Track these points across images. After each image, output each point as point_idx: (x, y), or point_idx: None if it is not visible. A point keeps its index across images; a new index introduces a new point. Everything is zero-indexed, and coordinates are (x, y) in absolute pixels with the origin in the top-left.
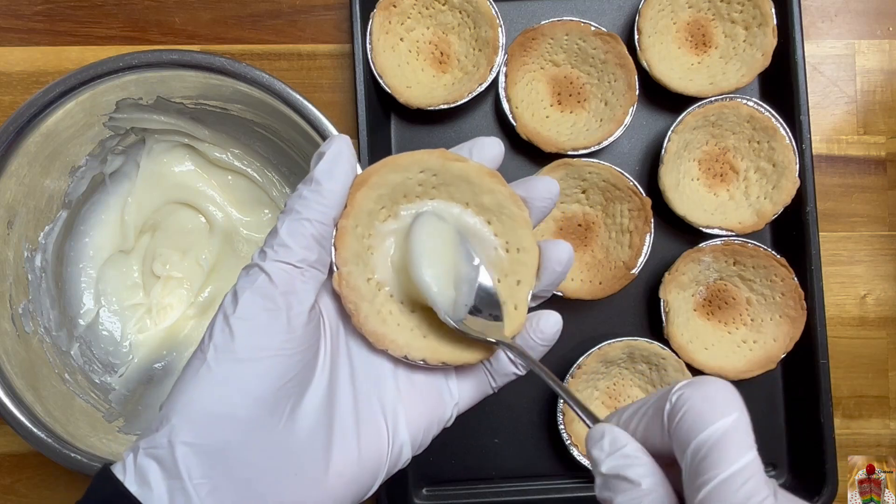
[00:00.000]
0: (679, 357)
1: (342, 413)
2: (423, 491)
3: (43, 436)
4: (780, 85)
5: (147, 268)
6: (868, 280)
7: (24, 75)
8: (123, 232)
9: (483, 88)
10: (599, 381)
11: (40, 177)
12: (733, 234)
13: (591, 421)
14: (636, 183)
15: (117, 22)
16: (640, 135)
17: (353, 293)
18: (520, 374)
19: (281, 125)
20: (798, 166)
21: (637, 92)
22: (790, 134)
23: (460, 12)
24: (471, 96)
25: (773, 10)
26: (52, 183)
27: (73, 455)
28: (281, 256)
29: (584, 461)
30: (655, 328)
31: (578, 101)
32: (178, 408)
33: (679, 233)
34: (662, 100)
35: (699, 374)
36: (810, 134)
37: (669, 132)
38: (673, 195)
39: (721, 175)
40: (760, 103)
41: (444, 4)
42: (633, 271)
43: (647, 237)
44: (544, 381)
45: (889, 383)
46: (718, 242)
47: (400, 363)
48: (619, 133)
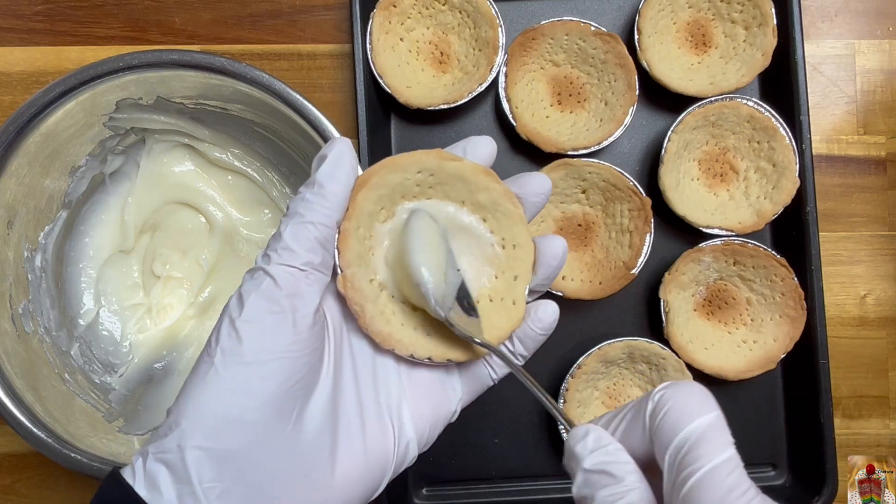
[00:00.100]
0: (679, 357)
1: (347, 414)
2: (423, 491)
3: (43, 436)
4: (780, 85)
5: (147, 268)
6: (868, 280)
7: (24, 75)
8: (123, 232)
9: (483, 88)
10: (599, 381)
11: (40, 177)
12: (733, 234)
13: (568, 425)
14: (636, 183)
15: (117, 22)
16: (640, 135)
17: (357, 294)
18: (518, 364)
19: (281, 125)
20: (798, 166)
21: (637, 92)
22: (790, 134)
23: (460, 12)
24: (471, 96)
25: (773, 10)
26: (52, 183)
27: (73, 455)
28: (285, 260)
29: None
30: (655, 328)
31: (578, 101)
32: (187, 412)
33: (679, 233)
34: (662, 100)
35: (699, 375)
36: (810, 134)
37: (669, 132)
38: (673, 195)
39: (721, 175)
40: (760, 103)
41: (444, 4)
42: (633, 271)
43: (647, 237)
44: (525, 384)
45: (889, 383)
46: (718, 242)
47: (403, 362)
48: (619, 133)
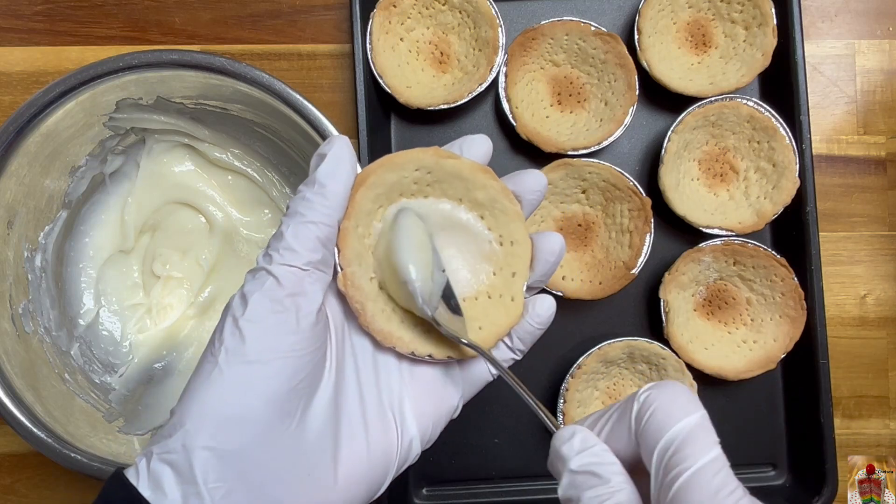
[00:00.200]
0: (679, 357)
1: (350, 412)
2: (423, 491)
3: (43, 436)
4: (780, 85)
5: (147, 268)
6: (868, 280)
7: (24, 75)
8: (123, 232)
9: (483, 88)
10: (599, 381)
11: (40, 177)
12: (733, 234)
13: (555, 426)
14: (636, 183)
15: (117, 22)
16: (640, 135)
17: (358, 293)
18: (517, 358)
19: (281, 125)
20: (798, 166)
21: (637, 92)
22: (790, 134)
23: (460, 12)
24: (471, 96)
25: (773, 10)
26: (52, 183)
27: (73, 455)
28: (287, 260)
29: None
30: (655, 328)
31: (578, 101)
32: (192, 412)
33: (679, 233)
34: (662, 100)
35: (699, 375)
36: (810, 134)
37: (669, 132)
38: (673, 195)
39: (721, 175)
40: (760, 103)
41: (444, 4)
42: (633, 271)
43: (647, 237)
44: (510, 384)
45: (889, 383)
46: (718, 242)
47: (404, 359)
48: (619, 133)
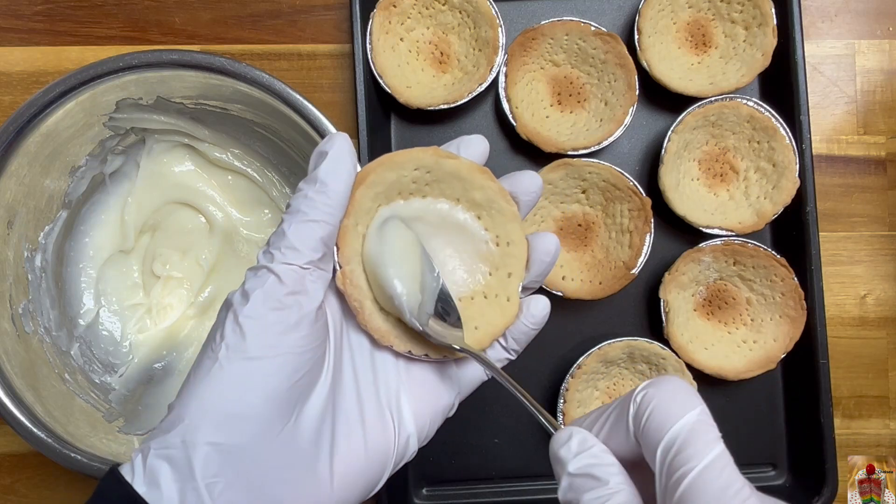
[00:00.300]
0: (679, 357)
1: (348, 409)
2: (423, 491)
3: (43, 436)
4: (780, 85)
5: (147, 268)
6: (868, 280)
7: (24, 75)
8: (123, 232)
9: (483, 88)
10: (599, 381)
11: (40, 177)
12: (733, 234)
13: (553, 427)
14: (636, 183)
15: (117, 22)
16: (640, 135)
17: (356, 291)
18: (511, 358)
19: (281, 125)
20: (798, 166)
21: (637, 92)
22: (790, 134)
23: (460, 12)
24: (471, 96)
25: (773, 10)
26: (52, 183)
27: (73, 455)
28: (289, 258)
29: None
30: (655, 328)
31: (578, 101)
32: (192, 408)
33: (679, 233)
34: (662, 100)
35: (699, 375)
36: (810, 134)
37: (669, 132)
38: (673, 195)
39: (721, 175)
40: (760, 103)
41: (444, 4)
42: (633, 271)
43: (647, 237)
44: (507, 388)
45: (889, 383)
46: (718, 242)
47: (401, 357)
48: (619, 133)
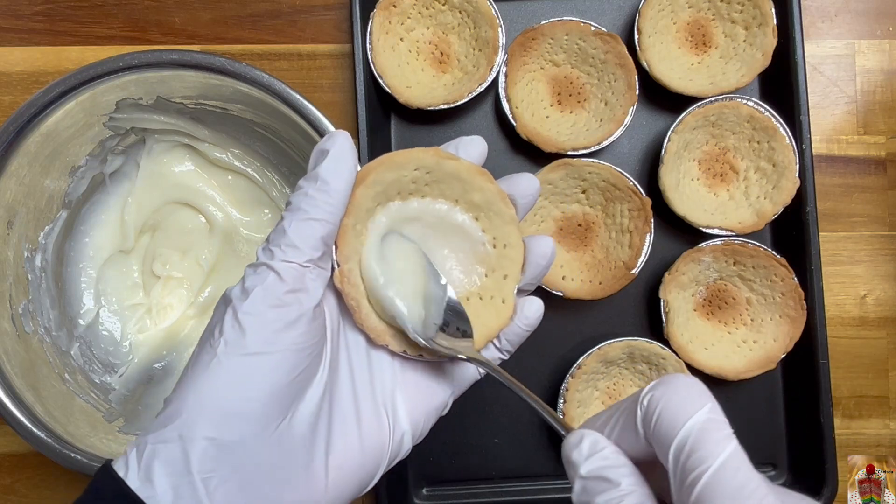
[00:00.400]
0: (679, 357)
1: (343, 407)
2: (423, 491)
3: (43, 436)
4: (780, 85)
5: (147, 268)
6: (868, 280)
7: (24, 75)
8: (123, 232)
9: (483, 88)
10: (599, 381)
11: (40, 177)
12: (733, 234)
13: (565, 430)
14: (636, 183)
15: (117, 22)
16: (640, 135)
17: (353, 290)
18: (503, 358)
19: (281, 125)
20: (798, 166)
21: (637, 92)
22: (790, 134)
23: (460, 12)
24: (471, 96)
25: (773, 10)
26: (52, 183)
27: (73, 455)
28: (289, 257)
29: None
30: (655, 328)
31: (578, 101)
32: (189, 402)
33: (679, 233)
34: (662, 100)
35: (699, 375)
36: (810, 134)
37: (669, 132)
38: (673, 195)
39: (721, 175)
40: (760, 103)
41: (444, 4)
42: (633, 271)
43: (647, 237)
44: (518, 393)
45: (889, 383)
46: (718, 242)
47: (397, 356)
48: (619, 133)
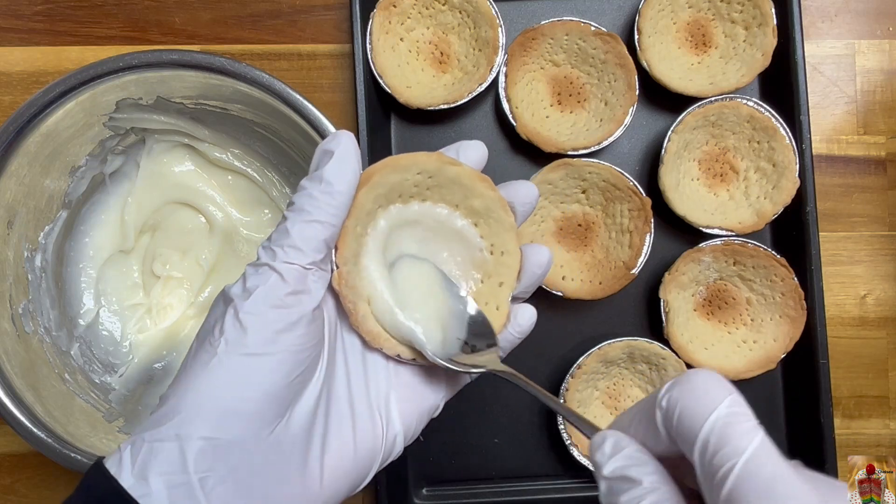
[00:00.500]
0: (679, 357)
1: (339, 409)
2: (423, 491)
3: (43, 436)
4: (780, 85)
5: (147, 268)
6: (868, 280)
7: (24, 75)
8: (123, 232)
9: (483, 88)
10: (599, 381)
11: (40, 177)
12: (733, 234)
13: (591, 432)
14: (636, 183)
15: (117, 22)
16: (640, 135)
17: (351, 292)
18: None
19: (281, 125)
20: (798, 166)
21: (637, 92)
22: (790, 134)
23: (460, 12)
24: (471, 96)
25: (773, 10)
26: (52, 183)
27: (73, 455)
28: (292, 258)
29: (584, 461)
30: (655, 328)
31: (578, 101)
32: (187, 401)
33: (679, 233)
34: (662, 100)
35: None
36: (810, 134)
37: (669, 132)
38: (673, 195)
39: (721, 175)
40: (760, 103)
41: (444, 4)
42: (633, 271)
43: (647, 237)
44: (542, 400)
45: (889, 383)
46: (718, 242)
47: (391, 359)
48: (619, 133)
